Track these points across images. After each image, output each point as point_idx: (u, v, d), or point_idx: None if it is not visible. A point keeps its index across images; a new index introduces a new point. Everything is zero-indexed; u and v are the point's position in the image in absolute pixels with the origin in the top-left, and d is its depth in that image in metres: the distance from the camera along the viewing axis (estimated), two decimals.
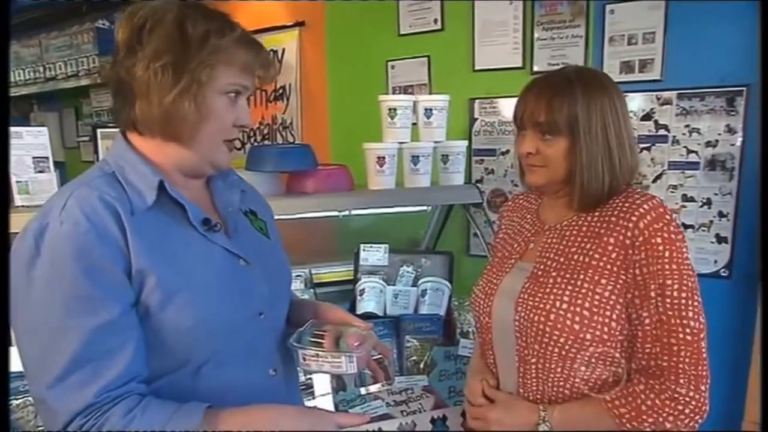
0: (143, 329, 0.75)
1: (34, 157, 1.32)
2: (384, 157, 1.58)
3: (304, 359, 0.88)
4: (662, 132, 1.75)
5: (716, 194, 1.69)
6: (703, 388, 0.89)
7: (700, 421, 0.91)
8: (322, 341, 0.89)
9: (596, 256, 0.94)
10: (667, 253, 0.90)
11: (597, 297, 0.92)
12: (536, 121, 0.97)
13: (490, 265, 1.15)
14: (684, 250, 0.92)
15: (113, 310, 0.71)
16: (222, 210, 0.89)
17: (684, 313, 0.89)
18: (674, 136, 1.73)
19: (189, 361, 0.78)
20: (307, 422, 0.78)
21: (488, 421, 1.02)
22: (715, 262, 1.70)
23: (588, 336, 0.92)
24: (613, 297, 0.92)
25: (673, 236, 0.91)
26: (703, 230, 1.72)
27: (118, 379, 0.71)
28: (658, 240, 0.90)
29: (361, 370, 0.91)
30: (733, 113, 1.64)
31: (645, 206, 0.92)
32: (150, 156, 0.81)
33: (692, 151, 1.71)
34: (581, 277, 0.94)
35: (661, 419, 0.89)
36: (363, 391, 1.44)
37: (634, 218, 0.92)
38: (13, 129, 1.31)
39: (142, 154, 0.81)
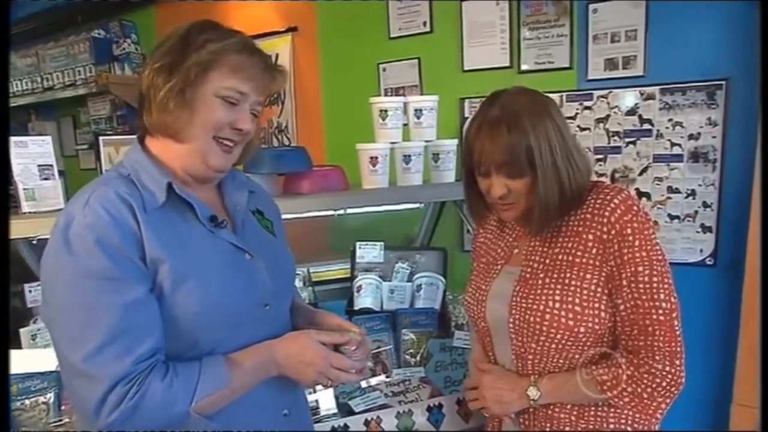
0: None
1: (39, 165, 1.37)
2: (377, 157, 1.63)
3: None
4: (647, 126, 1.80)
5: (700, 185, 1.74)
6: (678, 362, 0.95)
7: (676, 392, 0.96)
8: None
9: (578, 253, 0.99)
10: (636, 242, 0.95)
11: (585, 292, 0.98)
12: (499, 163, 0.97)
13: (476, 271, 1.19)
14: (653, 236, 0.97)
15: (139, 289, 0.78)
16: (231, 209, 0.95)
17: (656, 296, 0.95)
18: (658, 130, 1.79)
19: (197, 346, 0.84)
20: (297, 345, 0.90)
21: (482, 385, 1.09)
22: (701, 251, 1.76)
23: (582, 329, 0.97)
24: (599, 289, 0.98)
25: (641, 225, 0.96)
26: (689, 221, 1.77)
27: (148, 351, 0.78)
28: (628, 230, 0.95)
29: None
30: (714, 106, 1.70)
31: (615, 200, 0.97)
32: (161, 158, 0.88)
33: (676, 144, 1.77)
34: (568, 275, 0.99)
35: (639, 390, 0.96)
36: (364, 384, 1.49)
37: (607, 213, 0.97)
38: (18, 139, 1.36)
39: (154, 157, 0.88)
